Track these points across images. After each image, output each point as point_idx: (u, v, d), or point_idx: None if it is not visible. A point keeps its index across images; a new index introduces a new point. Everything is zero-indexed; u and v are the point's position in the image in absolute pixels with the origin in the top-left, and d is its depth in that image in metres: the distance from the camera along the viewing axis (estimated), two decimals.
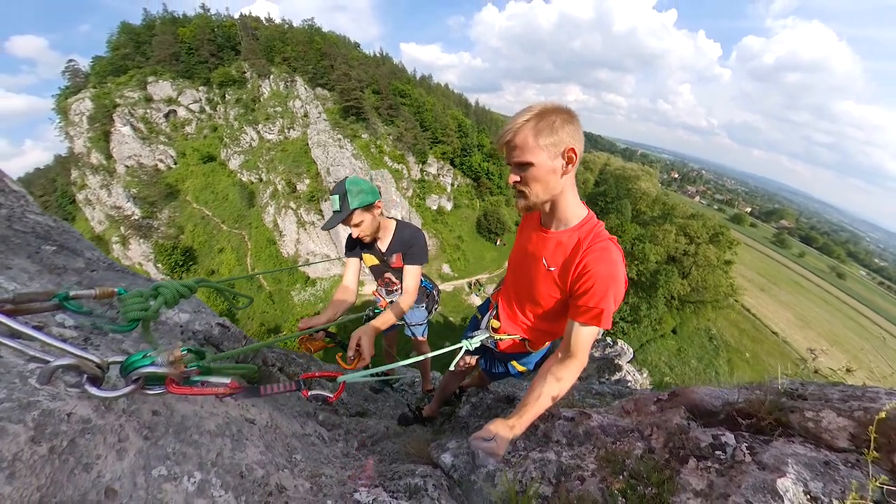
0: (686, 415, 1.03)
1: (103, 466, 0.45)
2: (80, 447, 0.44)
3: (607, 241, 1.00)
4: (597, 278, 0.95)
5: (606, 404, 1.73)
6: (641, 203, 44.89)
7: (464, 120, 47.62)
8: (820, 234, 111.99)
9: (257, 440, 0.84)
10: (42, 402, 0.45)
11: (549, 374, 0.95)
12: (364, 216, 1.59)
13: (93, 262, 1.21)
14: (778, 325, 40.91)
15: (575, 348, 0.98)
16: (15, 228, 1.04)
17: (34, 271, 0.90)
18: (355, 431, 1.88)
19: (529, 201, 1.00)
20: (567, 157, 0.94)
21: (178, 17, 48.52)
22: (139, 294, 0.67)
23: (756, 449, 0.83)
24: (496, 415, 2.17)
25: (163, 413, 0.62)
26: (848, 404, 0.92)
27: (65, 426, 0.44)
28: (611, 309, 0.95)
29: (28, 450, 0.39)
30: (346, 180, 1.56)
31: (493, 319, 1.50)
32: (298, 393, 1.79)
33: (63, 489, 0.39)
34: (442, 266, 35.54)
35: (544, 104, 0.94)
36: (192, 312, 1.35)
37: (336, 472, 1.04)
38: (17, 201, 1.20)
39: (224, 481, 0.61)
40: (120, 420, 0.53)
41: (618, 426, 1.12)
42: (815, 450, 0.82)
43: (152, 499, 0.48)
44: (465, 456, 1.12)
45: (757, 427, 0.95)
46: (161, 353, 0.55)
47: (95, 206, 37.13)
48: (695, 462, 0.84)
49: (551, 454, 1.03)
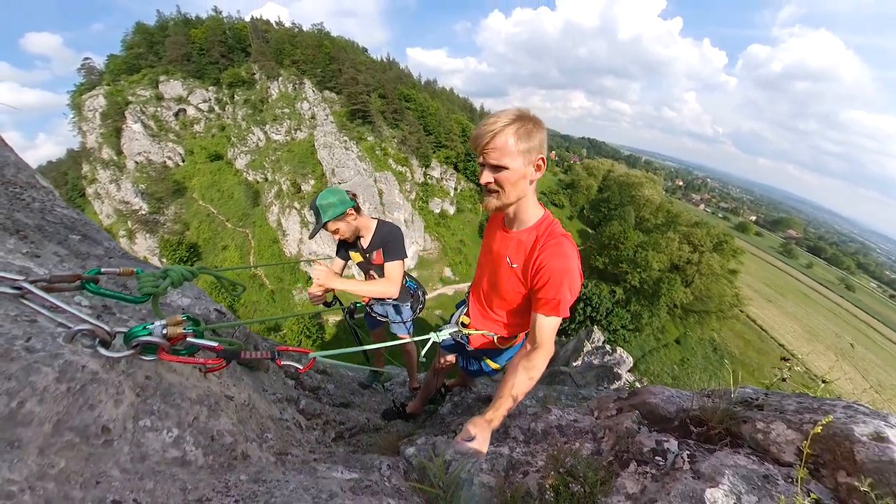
0: (638, 419, 1.02)
1: (103, 409, 0.58)
2: (88, 391, 0.58)
3: (560, 237, 1.07)
4: (552, 272, 1.01)
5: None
6: (645, 210, 44.58)
7: (468, 125, 47.87)
8: (828, 245, 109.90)
9: (232, 413, 0.92)
10: (65, 354, 0.59)
11: (519, 365, 1.01)
12: (338, 224, 1.77)
13: (110, 250, 1.36)
14: (785, 337, 40.11)
15: (540, 338, 1.04)
16: (47, 219, 1.18)
17: (63, 255, 1.04)
18: (335, 422, 1.92)
19: (501, 202, 1.04)
20: (536, 166, 0.99)
21: (190, 19, 49.62)
22: (152, 274, 0.82)
23: (697, 457, 0.82)
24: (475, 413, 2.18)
25: (153, 378, 0.73)
26: (800, 416, 0.90)
27: (79, 374, 0.58)
28: (567, 299, 1.02)
29: (53, 386, 0.54)
30: (317, 197, 1.74)
31: (463, 315, 1.54)
32: (285, 380, 1.80)
33: (73, 419, 0.54)
34: (444, 269, 35.53)
35: (519, 110, 0.98)
36: (193, 298, 1.46)
37: (303, 454, 1.09)
38: (47, 196, 1.32)
39: (196, 440, 0.73)
40: (119, 377, 0.65)
41: (575, 427, 1.12)
42: (759, 462, 0.81)
43: (136, 441, 0.61)
44: (429, 447, 1.13)
45: (706, 436, 0.93)
46: (164, 319, 0.69)
47: (104, 199, 37.86)
48: (635, 466, 0.83)
49: (505, 449, 1.05)
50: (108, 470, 0.53)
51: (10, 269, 0.79)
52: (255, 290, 30.85)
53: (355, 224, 1.83)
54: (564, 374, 4.40)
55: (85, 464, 0.51)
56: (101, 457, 0.54)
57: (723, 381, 1.14)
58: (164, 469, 0.61)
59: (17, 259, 0.85)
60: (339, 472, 0.88)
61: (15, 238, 0.94)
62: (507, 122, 0.94)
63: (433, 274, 34.74)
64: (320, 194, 1.74)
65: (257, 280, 31.67)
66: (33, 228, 1.04)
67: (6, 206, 1.04)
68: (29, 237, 0.98)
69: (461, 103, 62.93)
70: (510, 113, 0.96)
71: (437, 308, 29.86)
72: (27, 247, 0.93)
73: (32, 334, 0.58)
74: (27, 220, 1.05)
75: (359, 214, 1.85)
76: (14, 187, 1.16)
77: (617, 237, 35.27)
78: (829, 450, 0.77)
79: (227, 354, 0.80)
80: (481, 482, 0.89)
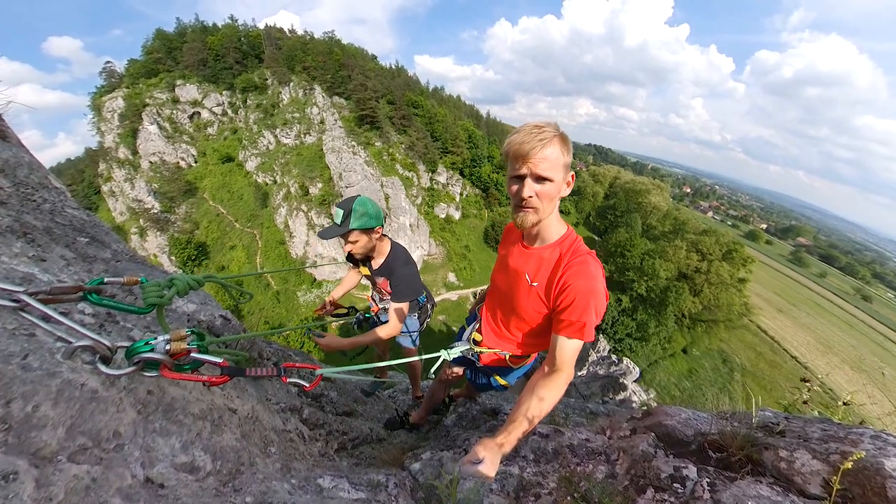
0: (654, 441, 0.99)
1: (103, 430, 0.56)
2: (88, 411, 0.56)
3: (586, 255, 1.02)
4: (577, 292, 0.96)
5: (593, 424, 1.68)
6: (652, 217, 44.01)
7: (474, 131, 48.15)
8: (842, 254, 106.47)
9: (235, 428, 0.90)
10: (63, 372, 0.57)
11: (535, 389, 0.95)
12: (361, 237, 1.65)
13: (118, 253, 1.35)
14: (798, 349, 38.86)
15: (561, 362, 0.98)
16: (56, 221, 1.18)
17: (70, 258, 1.03)
18: (337, 432, 1.90)
19: (538, 217, 0.99)
20: (567, 182, 0.98)
21: (208, 27, 51.24)
22: (157, 284, 0.80)
23: (717, 486, 0.79)
24: (480, 426, 2.15)
25: (155, 394, 0.71)
26: (825, 446, 0.87)
27: (78, 393, 0.56)
28: (593, 322, 0.96)
29: (51, 408, 0.52)
30: (356, 199, 1.61)
31: (475, 332, 1.50)
32: (288, 388, 1.78)
33: (73, 441, 0.52)
34: (448, 275, 35.44)
35: (554, 123, 0.94)
36: (199, 304, 1.45)
37: (306, 469, 1.07)
38: (58, 197, 1.33)
39: (200, 458, 0.71)
40: (120, 394, 0.63)
41: (588, 447, 1.09)
42: (783, 494, 0.78)
43: (138, 462, 0.59)
44: (435, 463, 1.11)
45: (726, 462, 0.90)
46: (167, 334, 0.67)
47: (119, 197, 38.78)
48: (652, 492, 0.81)
49: (515, 468, 1.02)
50: (109, 499, 0.51)
51: (13, 277, 0.77)
52: (261, 291, 31.12)
53: (374, 244, 1.75)
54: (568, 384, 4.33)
55: (85, 495, 0.48)
56: (102, 484, 0.51)
57: (735, 397, 1.10)
58: (166, 493, 0.59)
59: (21, 264, 0.83)
60: (346, 492, 0.86)
61: (22, 241, 0.92)
62: (554, 133, 0.91)
63: (437, 279, 34.67)
64: (360, 198, 1.62)
65: (263, 281, 31.96)
66: (41, 231, 1.04)
67: (16, 207, 1.04)
68: (36, 240, 0.97)
69: (468, 110, 63.36)
70: (552, 124, 0.93)
71: (441, 314, 29.71)
72: (33, 250, 0.92)
73: (30, 351, 0.56)
74: (36, 223, 1.04)
75: (381, 237, 1.79)
76: (26, 188, 1.16)
77: (623, 245, 34.82)
78: (859, 484, 0.74)
79: (231, 371, 0.78)
80: (491, 503, 0.87)
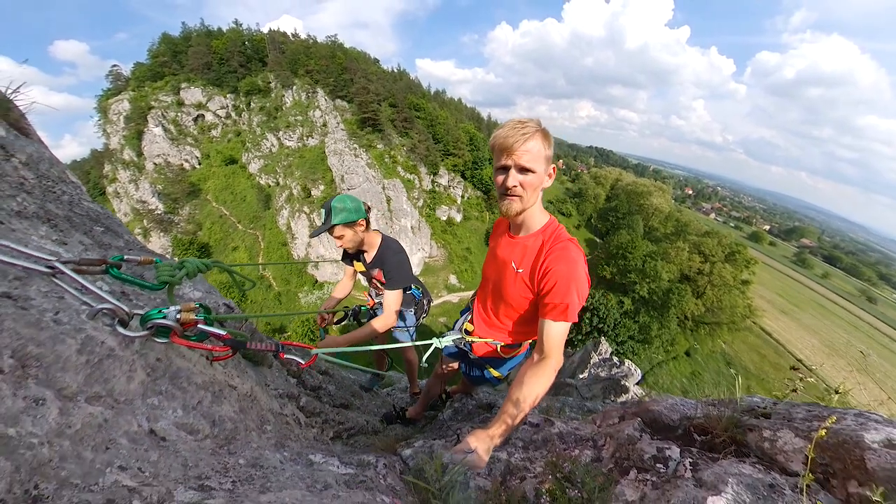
0: (640, 426, 0.99)
1: (116, 383, 0.64)
2: (105, 365, 0.63)
3: (567, 241, 1.06)
4: (559, 276, 1.01)
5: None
6: (654, 219, 43.88)
7: (475, 134, 48.34)
8: (846, 255, 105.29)
9: (234, 402, 0.95)
10: (87, 329, 0.65)
11: (525, 378, 0.98)
12: (345, 231, 1.74)
13: (130, 243, 1.47)
14: (803, 351, 38.37)
15: (548, 347, 1.02)
16: (75, 211, 1.27)
17: (88, 244, 1.13)
18: (333, 422, 1.93)
19: (523, 206, 1.05)
20: (549, 174, 1.03)
21: (212, 31, 51.98)
22: (169, 265, 0.88)
23: (700, 465, 0.79)
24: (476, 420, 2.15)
25: (163, 361, 0.78)
26: (808, 424, 0.87)
27: (98, 348, 0.64)
28: (575, 303, 1.00)
29: (75, 357, 0.60)
30: (334, 198, 1.73)
31: (467, 323, 1.53)
32: (287, 377, 1.83)
33: (90, 388, 0.60)
34: (449, 277, 35.45)
35: (537, 119, 1.01)
36: (204, 292, 1.52)
37: (299, 447, 1.09)
38: (75, 190, 1.41)
39: (199, 422, 0.77)
40: (133, 356, 0.70)
41: (576, 434, 1.10)
42: (765, 471, 0.78)
43: (144, 416, 0.65)
44: (426, 450, 1.12)
45: (710, 444, 0.91)
46: (178, 305, 0.74)
47: (123, 198, 39.25)
48: (635, 473, 0.81)
49: (503, 454, 1.04)
50: (117, 438, 0.57)
51: (43, 252, 0.85)
52: (262, 291, 31.27)
53: (361, 236, 1.81)
54: (570, 386, 4.30)
55: (98, 430, 0.56)
56: (113, 426, 0.58)
57: (732, 393, 1.11)
58: (167, 445, 0.64)
59: (48, 244, 0.92)
60: (335, 466, 0.89)
61: (46, 226, 1.02)
62: (536, 128, 0.98)
63: (438, 281, 34.68)
64: (337, 197, 1.73)
65: (265, 281, 32.12)
66: (62, 219, 1.13)
67: (40, 197, 1.12)
68: (58, 226, 1.06)
69: (469, 113, 63.75)
70: (533, 120, 1.00)
71: (442, 315, 29.69)
72: (56, 234, 1.02)
73: (60, 309, 0.65)
74: (57, 211, 1.13)
75: (367, 228, 1.84)
76: (47, 181, 1.24)
77: (625, 246, 34.70)
78: (839, 458, 0.74)
79: (233, 343, 0.84)
80: (477, 485, 0.88)
